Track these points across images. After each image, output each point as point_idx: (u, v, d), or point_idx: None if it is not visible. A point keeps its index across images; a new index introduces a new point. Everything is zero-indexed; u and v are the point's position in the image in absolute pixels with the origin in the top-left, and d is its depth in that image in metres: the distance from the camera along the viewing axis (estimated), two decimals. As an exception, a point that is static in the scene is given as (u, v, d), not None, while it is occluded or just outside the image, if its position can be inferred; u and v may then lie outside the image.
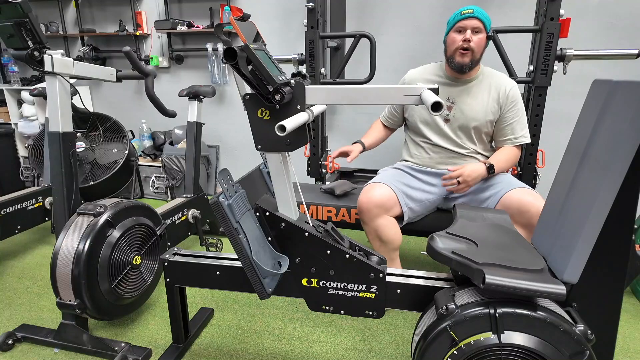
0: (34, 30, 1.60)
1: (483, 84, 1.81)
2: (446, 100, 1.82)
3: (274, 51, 2.13)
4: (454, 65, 1.76)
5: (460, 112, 1.81)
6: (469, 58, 1.72)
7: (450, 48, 1.76)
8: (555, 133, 2.51)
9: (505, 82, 1.81)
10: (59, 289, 1.54)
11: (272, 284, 1.25)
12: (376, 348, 1.68)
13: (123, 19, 3.51)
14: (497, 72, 1.85)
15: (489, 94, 1.79)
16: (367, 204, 1.69)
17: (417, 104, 1.06)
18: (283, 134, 0.96)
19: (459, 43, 1.72)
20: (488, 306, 1.02)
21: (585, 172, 1.06)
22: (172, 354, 1.59)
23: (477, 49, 1.72)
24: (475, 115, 1.79)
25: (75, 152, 1.74)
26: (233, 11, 3.15)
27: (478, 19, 1.70)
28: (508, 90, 1.78)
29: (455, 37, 1.73)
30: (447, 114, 1.83)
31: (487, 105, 1.79)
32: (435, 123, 1.84)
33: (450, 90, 1.83)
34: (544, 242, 1.19)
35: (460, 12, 1.72)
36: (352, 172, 2.85)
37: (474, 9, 1.71)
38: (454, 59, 1.75)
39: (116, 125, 3.38)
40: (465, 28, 1.71)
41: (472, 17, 1.70)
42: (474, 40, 1.70)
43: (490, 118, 1.79)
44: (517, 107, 1.79)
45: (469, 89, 1.81)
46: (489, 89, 1.80)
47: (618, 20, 2.58)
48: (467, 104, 1.80)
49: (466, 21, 1.71)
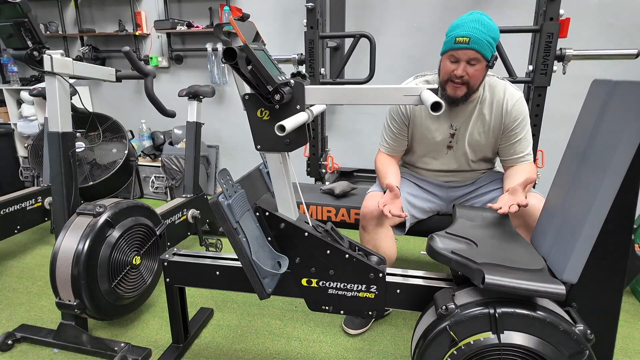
0: (33, 30, 1.60)
1: (486, 101, 1.59)
2: (449, 127, 1.64)
3: (274, 51, 2.13)
4: (445, 97, 1.52)
5: (463, 139, 1.65)
6: (462, 91, 1.49)
7: (442, 75, 1.52)
8: (554, 133, 2.51)
9: (509, 95, 1.58)
10: (59, 289, 1.54)
11: (271, 284, 1.25)
12: (376, 348, 1.68)
13: (122, 19, 3.51)
14: (501, 83, 1.61)
15: (491, 112, 1.60)
16: (373, 211, 1.60)
17: (417, 104, 1.06)
18: (283, 134, 0.96)
19: (451, 75, 1.47)
20: (488, 306, 1.02)
21: (584, 172, 1.06)
22: (171, 354, 1.59)
23: (474, 80, 1.47)
24: (478, 140, 1.64)
25: (74, 152, 1.74)
26: (232, 11, 3.15)
27: (474, 50, 1.41)
28: (511, 106, 1.56)
29: (447, 65, 1.48)
30: (450, 141, 1.67)
31: (492, 126, 1.61)
32: (438, 152, 1.71)
33: (452, 117, 1.63)
34: (544, 242, 1.19)
35: (455, 39, 1.43)
36: (351, 172, 2.85)
37: (471, 36, 1.40)
38: (445, 90, 1.52)
39: (116, 125, 3.38)
40: (461, 59, 1.45)
41: (467, 48, 1.41)
42: (470, 72, 1.45)
43: (494, 139, 1.64)
44: (521, 125, 1.58)
45: (472, 113, 1.61)
46: (491, 105, 1.59)
47: (617, 20, 2.58)
48: (471, 131, 1.63)
49: (460, 52, 1.43)
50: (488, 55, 1.44)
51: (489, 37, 1.42)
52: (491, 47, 1.44)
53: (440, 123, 1.65)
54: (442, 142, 1.68)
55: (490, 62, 1.46)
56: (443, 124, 1.65)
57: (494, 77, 1.64)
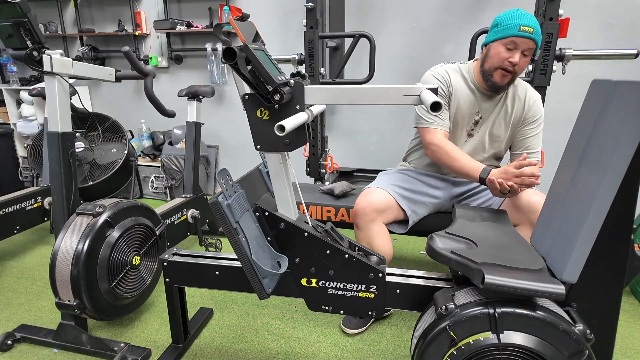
0: (32, 30, 1.59)
1: (510, 95, 1.66)
2: (475, 114, 1.67)
3: (274, 51, 2.13)
4: (490, 83, 1.57)
5: (485, 128, 1.69)
6: (508, 79, 1.54)
7: (492, 61, 1.54)
8: (554, 133, 2.50)
9: (531, 93, 1.67)
10: (58, 289, 1.54)
11: (271, 284, 1.25)
12: (375, 348, 1.68)
13: (122, 18, 3.51)
14: (523, 82, 1.70)
15: (513, 106, 1.66)
16: (365, 208, 1.63)
17: (416, 104, 1.06)
18: (282, 134, 0.96)
19: (504, 63, 1.50)
20: (487, 306, 1.02)
21: (584, 172, 1.06)
22: (171, 354, 1.59)
23: (520, 70, 1.53)
24: (499, 133, 1.69)
25: (74, 152, 1.74)
26: (232, 11, 3.15)
27: (535, 41, 1.47)
28: (532, 103, 1.65)
29: (502, 52, 1.50)
30: (473, 128, 1.70)
31: (512, 119, 1.67)
32: (457, 137, 1.72)
33: (481, 105, 1.66)
34: (543, 242, 1.19)
35: (519, 27, 1.45)
36: (351, 172, 2.86)
37: (535, 27, 1.45)
38: (492, 76, 1.55)
39: (115, 125, 3.38)
40: (518, 48, 1.48)
41: (531, 38, 1.46)
42: (521, 63, 1.50)
43: (512, 132, 1.70)
44: (538, 122, 1.67)
45: (498, 105, 1.67)
46: (514, 99, 1.66)
47: (617, 20, 2.58)
48: (494, 121, 1.68)
49: (522, 40, 1.47)
50: (537, 50, 1.52)
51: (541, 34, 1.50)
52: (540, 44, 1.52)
53: (471, 107, 1.66)
54: (467, 125, 1.69)
55: (536, 56, 1.52)
56: (472, 108, 1.66)
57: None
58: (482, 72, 1.59)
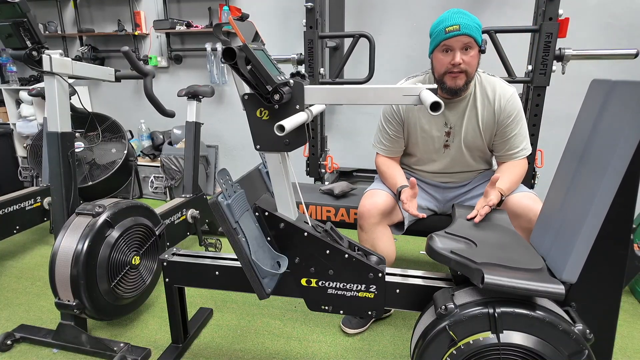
0: (32, 30, 1.59)
1: (478, 98, 1.60)
2: (443, 125, 1.64)
3: (273, 51, 2.13)
4: (446, 90, 1.53)
5: (459, 136, 1.65)
6: (462, 80, 1.50)
7: (438, 69, 1.53)
8: (553, 133, 2.51)
9: (502, 92, 1.58)
10: (58, 289, 1.54)
11: (271, 284, 1.25)
12: (375, 348, 1.68)
13: (122, 18, 3.51)
14: (492, 79, 1.62)
15: (483, 109, 1.60)
16: (371, 210, 1.61)
17: (416, 104, 1.06)
18: (282, 133, 0.96)
19: (448, 67, 1.48)
20: (487, 306, 1.02)
21: (583, 172, 1.06)
22: (171, 354, 1.58)
23: (471, 67, 1.49)
24: (474, 138, 1.64)
25: (73, 152, 1.74)
26: (232, 11, 3.14)
27: (467, 35, 1.43)
28: (504, 103, 1.57)
29: (442, 58, 1.49)
30: (447, 139, 1.67)
31: (485, 123, 1.62)
32: (433, 151, 1.71)
33: (447, 114, 1.62)
34: (543, 242, 1.19)
35: (445, 29, 1.44)
36: (351, 172, 2.86)
37: (460, 23, 1.42)
38: (445, 83, 1.52)
39: (115, 125, 3.37)
40: (454, 48, 1.46)
41: (460, 34, 1.43)
42: (466, 60, 1.46)
43: (489, 136, 1.65)
44: (515, 120, 1.59)
45: (465, 110, 1.61)
46: (484, 102, 1.60)
47: (617, 20, 2.58)
48: (466, 128, 1.63)
49: (453, 40, 1.44)
50: (479, 40, 1.47)
51: (475, 23, 1.46)
52: (479, 32, 1.47)
53: (436, 121, 1.65)
54: (438, 140, 1.68)
55: (482, 47, 1.49)
56: (438, 122, 1.65)
57: (485, 73, 1.65)
58: (438, 84, 1.56)
